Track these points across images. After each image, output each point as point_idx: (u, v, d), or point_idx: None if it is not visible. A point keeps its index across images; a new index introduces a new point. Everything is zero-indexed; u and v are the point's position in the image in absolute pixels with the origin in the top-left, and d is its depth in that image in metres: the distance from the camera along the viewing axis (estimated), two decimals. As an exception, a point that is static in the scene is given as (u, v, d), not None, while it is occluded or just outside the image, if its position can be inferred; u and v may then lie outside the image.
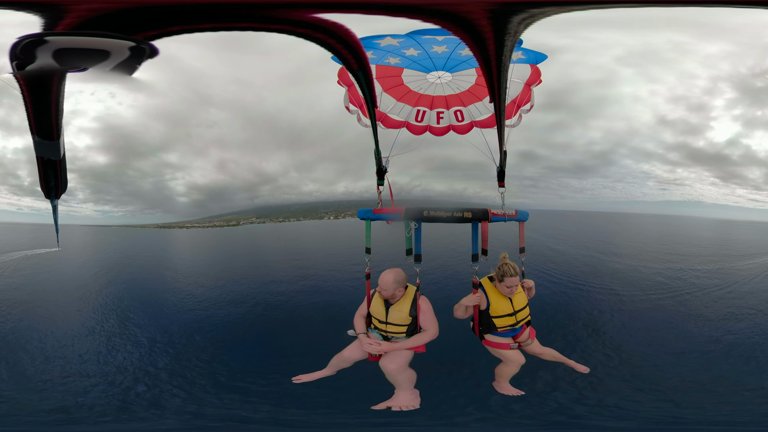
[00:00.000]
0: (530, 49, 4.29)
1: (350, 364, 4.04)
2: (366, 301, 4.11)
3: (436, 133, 4.93)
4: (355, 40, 2.83)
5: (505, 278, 3.87)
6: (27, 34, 2.51)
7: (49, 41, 2.52)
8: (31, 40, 2.51)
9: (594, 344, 7.28)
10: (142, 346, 7.56)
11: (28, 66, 2.62)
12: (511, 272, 3.87)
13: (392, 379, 3.84)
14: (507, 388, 4.18)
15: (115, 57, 2.62)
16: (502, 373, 4.16)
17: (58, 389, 5.91)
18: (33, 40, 2.51)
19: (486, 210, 3.80)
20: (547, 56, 4.36)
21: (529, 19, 2.75)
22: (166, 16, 2.55)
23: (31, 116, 2.79)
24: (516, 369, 4.10)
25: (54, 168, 3.03)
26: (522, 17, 2.72)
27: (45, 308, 9.80)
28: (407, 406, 3.76)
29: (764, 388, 5.72)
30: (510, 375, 4.14)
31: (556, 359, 4.35)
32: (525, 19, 2.73)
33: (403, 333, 3.89)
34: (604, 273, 12.58)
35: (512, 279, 3.87)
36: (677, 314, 8.90)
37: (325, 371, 4.11)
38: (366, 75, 3.36)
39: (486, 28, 2.76)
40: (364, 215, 4.04)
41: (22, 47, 2.56)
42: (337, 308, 9.22)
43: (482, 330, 4.07)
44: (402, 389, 3.84)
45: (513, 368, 4.09)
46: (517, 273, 3.90)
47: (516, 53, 4.21)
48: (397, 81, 4.57)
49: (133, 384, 6.11)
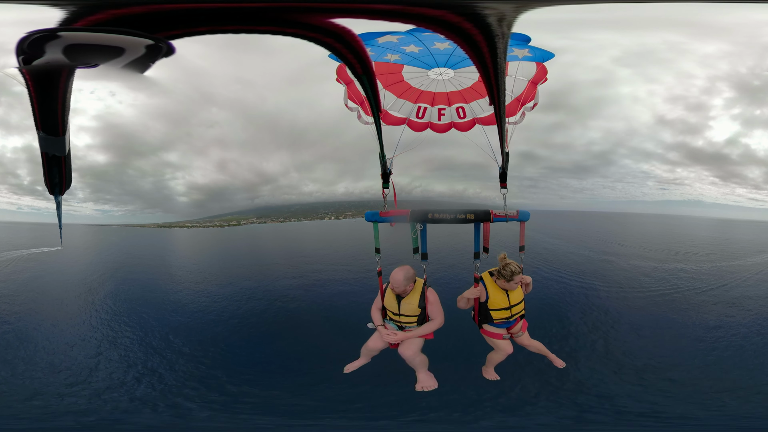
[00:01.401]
0: (537, 47, 4.32)
1: (377, 352, 4.58)
2: (380, 296, 4.50)
3: (438, 130, 4.91)
4: (360, 45, 2.85)
5: (515, 276, 4.20)
6: (36, 29, 2.51)
7: (61, 36, 2.52)
8: (40, 35, 2.51)
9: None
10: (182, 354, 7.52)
11: (36, 61, 2.62)
12: (518, 270, 4.20)
13: (410, 362, 4.42)
14: (490, 373, 4.73)
15: (130, 54, 2.63)
16: (491, 360, 4.65)
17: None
18: (42, 35, 2.51)
19: (488, 211, 4.03)
20: (554, 54, 4.39)
21: (504, 19, 2.76)
22: (179, 20, 2.55)
23: (36, 112, 2.79)
24: (503, 357, 4.58)
25: (59, 164, 3.03)
26: (496, 17, 2.72)
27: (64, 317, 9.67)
28: (429, 386, 4.41)
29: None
30: (497, 362, 4.64)
31: (540, 352, 4.74)
32: (499, 19, 2.74)
33: (414, 322, 4.35)
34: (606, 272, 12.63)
35: (519, 276, 4.22)
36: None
37: (362, 360, 4.64)
38: (370, 79, 3.40)
39: (473, 31, 2.78)
40: (372, 218, 4.25)
41: (30, 42, 2.57)
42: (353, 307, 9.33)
43: (481, 320, 4.49)
44: (420, 372, 4.44)
45: (501, 356, 4.56)
46: (521, 271, 4.22)
47: (522, 51, 4.25)
48: (397, 78, 4.58)
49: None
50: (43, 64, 2.65)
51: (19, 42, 2.62)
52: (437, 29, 2.80)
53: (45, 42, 2.63)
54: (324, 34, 2.66)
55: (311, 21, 2.61)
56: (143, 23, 2.55)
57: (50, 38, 2.60)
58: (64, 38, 2.58)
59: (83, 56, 2.65)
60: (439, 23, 2.75)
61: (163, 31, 2.58)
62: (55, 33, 2.57)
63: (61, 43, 2.61)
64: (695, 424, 5.24)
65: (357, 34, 2.73)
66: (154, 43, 2.57)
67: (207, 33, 2.64)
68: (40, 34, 2.58)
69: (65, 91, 2.76)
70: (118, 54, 2.67)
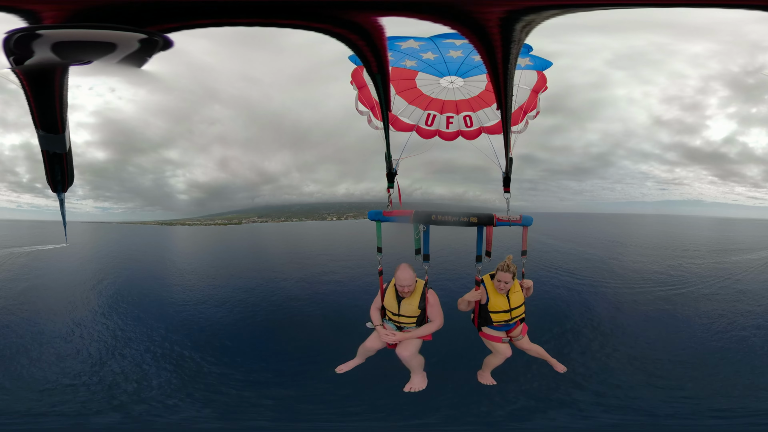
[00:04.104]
0: (537, 56, 4.33)
1: (374, 352, 4.45)
2: (380, 295, 4.40)
3: (446, 137, 4.89)
4: (383, 43, 2.81)
5: (498, 272, 4.14)
6: (19, 27, 2.41)
7: (47, 34, 2.43)
8: (24, 33, 2.42)
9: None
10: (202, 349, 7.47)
11: (27, 60, 2.54)
12: (503, 267, 4.10)
13: (406, 363, 4.30)
14: (486, 377, 4.59)
15: (123, 49, 2.55)
16: (489, 363, 4.53)
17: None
18: (27, 33, 2.42)
19: (491, 215, 3.96)
20: (552, 63, 4.40)
21: (528, 26, 2.74)
22: (201, 10, 2.48)
23: (34, 110, 2.73)
24: (501, 361, 4.46)
25: (60, 161, 2.99)
26: (522, 24, 2.71)
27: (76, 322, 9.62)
28: (418, 387, 4.35)
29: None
30: (494, 365, 4.52)
31: (540, 356, 4.60)
32: (525, 26, 2.72)
33: (414, 323, 4.25)
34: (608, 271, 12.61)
35: (503, 274, 4.10)
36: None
37: (357, 360, 4.50)
38: (384, 78, 3.35)
39: (496, 36, 2.75)
40: (375, 217, 4.15)
41: (16, 40, 2.46)
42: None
43: (480, 323, 4.40)
44: (415, 373, 4.36)
45: (499, 359, 4.45)
46: (508, 270, 4.10)
47: (524, 59, 4.25)
48: (410, 84, 4.56)
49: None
50: (35, 62, 2.57)
51: (4, 41, 2.49)
52: (462, 29, 2.75)
53: (31, 40, 2.50)
54: (351, 30, 2.60)
55: (344, 16, 2.54)
56: (156, 13, 2.46)
57: (36, 36, 2.50)
58: (52, 35, 2.49)
59: (75, 53, 2.57)
60: (466, 23, 2.70)
61: (179, 21, 2.48)
62: (41, 30, 2.47)
63: (50, 40, 2.52)
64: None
65: (384, 32, 2.67)
66: (148, 37, 2.48)
67: (230, 25, 2.56)
68: (25, 32, 2.46)
69: (62, 88, 2.69)
70: (110, 49, 2.58)
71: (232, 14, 2.52)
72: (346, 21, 2.56)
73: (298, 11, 2.55)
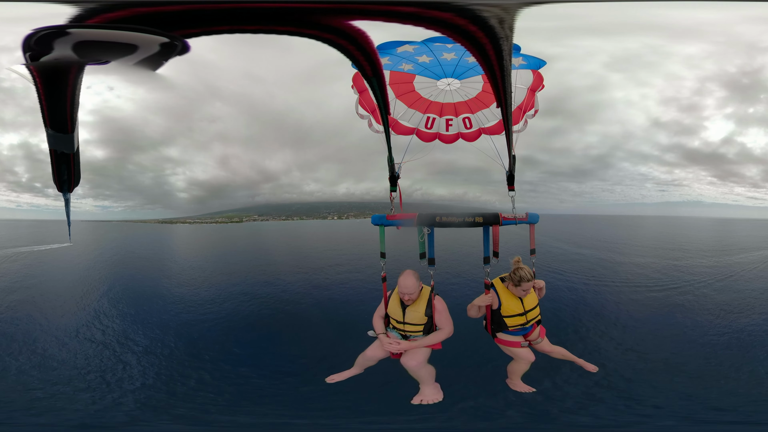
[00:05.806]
0: (529, 55, 4.39)
1: (375, 362, 4.22)
2: (383, 303, 4.24)
3: (446, 140, 4.93)
4: (372, 47, 2.84)
5: (522, 283, 3.98)
6: (43, 26, 2.49)
7: (71, 33, 2.51)
8: (48, 32, 2.50)
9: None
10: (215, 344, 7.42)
11: (44, 58, 2.60)
12: (528, 277, 3.98)
13: (414, 375, 4.06)
14: (519, 384, 4.31)
15: (142, 52, 2.61)
16: (514, 371, 4.28)
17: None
18: (50, 32, 2.50)
19: (497, 214, 3.86)
20: (546, 62, 4.47)
21: (507, 17, 2.76)
22: (198, 19, 2.54)
23: (45, 109, 2.77)
24: (526, 366, 4.21)
25: (67, 161, 3.02)
26: (497, 17, 2.73)
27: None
28: (432, 399, 4.02)
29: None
30: (521, 372, 4.26)
31: (565, 358, 4.40)
32: (500, 21, 2.74)
33: (420, 332, 4.07)
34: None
35: (528, 284, 4.00)
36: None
37: (354, 370, 4.27)
38: (380, 81, 3.38)
39: (478, 33, 2.79)
40: (378, 221, 4.06)
41: (37, 39, 2.54)
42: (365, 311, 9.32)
43: (494, 329, 4.20)
44: (425, 384, 4.08)
45: (523, 365, 4.21)
46: (532, 278, 4.00)
47: (516, 59, 4.30)
48: (409, 87, 4.60)
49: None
50: (51, 60, 2.62)
51: (26, 39, 2.57)
52: (446, 32, 2.80)
53: (53, 39, 2.59)
54: (339, 36, 2.64)
55: (328, 22, 2.59)
56: (161, 21, 2.53)
57: (58, 35, 2.58)
58: (73, 35, 2.56)
59: (94, 53, 2.63)
60: (448, 26, 2.75)
61: (180, 29, 2.56)
62: (64, 30, 2.55)
63: (71, 40, 2.58)
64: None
65: (369, 36, 2.73)
66: (169, 41, 2.55)
67: (225, 32, 2.62)
68: (47, 31, 2.55)
69: (74, 88, 2.73)
70: (130, 51, 2.65)
71: (216, 23, 2.58)
72: (328, 27, 2.61)
73: (281, 18, 2.60)
